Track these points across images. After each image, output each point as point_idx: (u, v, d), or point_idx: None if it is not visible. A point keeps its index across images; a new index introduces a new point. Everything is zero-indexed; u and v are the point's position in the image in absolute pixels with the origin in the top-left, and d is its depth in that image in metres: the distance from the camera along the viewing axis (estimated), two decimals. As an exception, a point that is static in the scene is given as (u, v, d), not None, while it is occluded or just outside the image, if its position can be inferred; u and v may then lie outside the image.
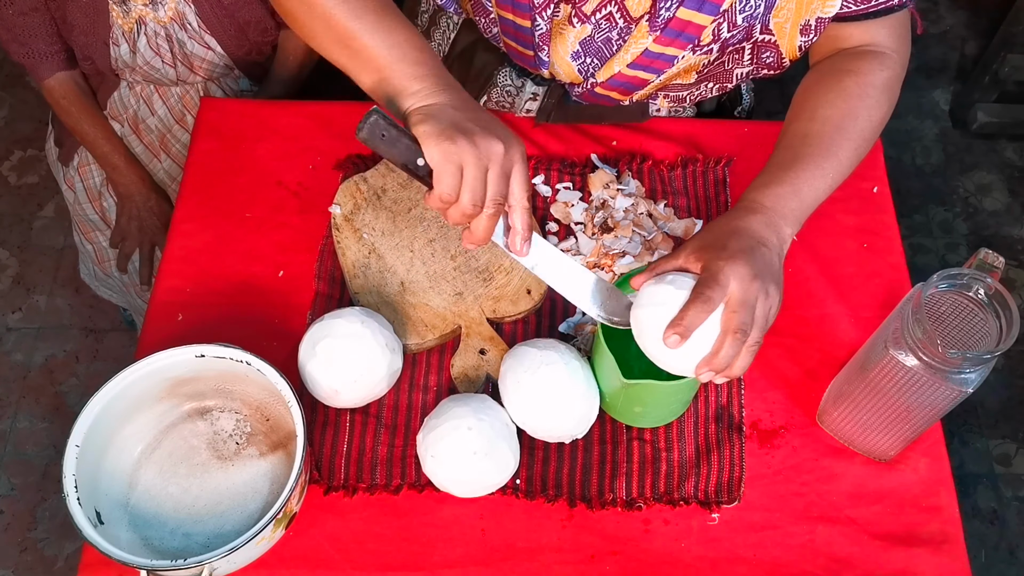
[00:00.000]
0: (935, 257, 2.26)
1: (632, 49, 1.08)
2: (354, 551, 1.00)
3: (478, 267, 1.14)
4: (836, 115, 1.00)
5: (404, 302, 1.11)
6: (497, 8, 1.10)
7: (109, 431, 0.99)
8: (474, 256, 1.14)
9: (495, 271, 1.13)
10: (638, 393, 0.99)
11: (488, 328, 1.10)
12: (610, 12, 1.06)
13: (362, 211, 1.17)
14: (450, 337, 1.11)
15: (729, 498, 1.03)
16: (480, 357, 1.08)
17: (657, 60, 1.09)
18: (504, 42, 1.16)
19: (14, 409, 2.00)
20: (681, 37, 1.05)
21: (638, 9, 1.04)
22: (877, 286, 1.17)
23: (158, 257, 1.58)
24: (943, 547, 1.01)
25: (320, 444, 1.05)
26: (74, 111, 1.48)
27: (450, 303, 1.11)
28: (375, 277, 1.13)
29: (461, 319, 1.10)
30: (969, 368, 0.88)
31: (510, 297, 1.12)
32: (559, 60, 1.14)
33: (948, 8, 2.72)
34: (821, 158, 0.97)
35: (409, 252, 1.14)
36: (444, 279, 1.13)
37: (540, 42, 1.10)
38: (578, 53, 1.12)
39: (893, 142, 2.41)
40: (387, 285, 1.12)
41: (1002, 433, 2.04)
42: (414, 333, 1.09)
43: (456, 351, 1.09)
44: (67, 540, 1.86)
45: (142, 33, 1.39)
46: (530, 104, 1.28)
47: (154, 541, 0.99)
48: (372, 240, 1.15)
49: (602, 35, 1.09)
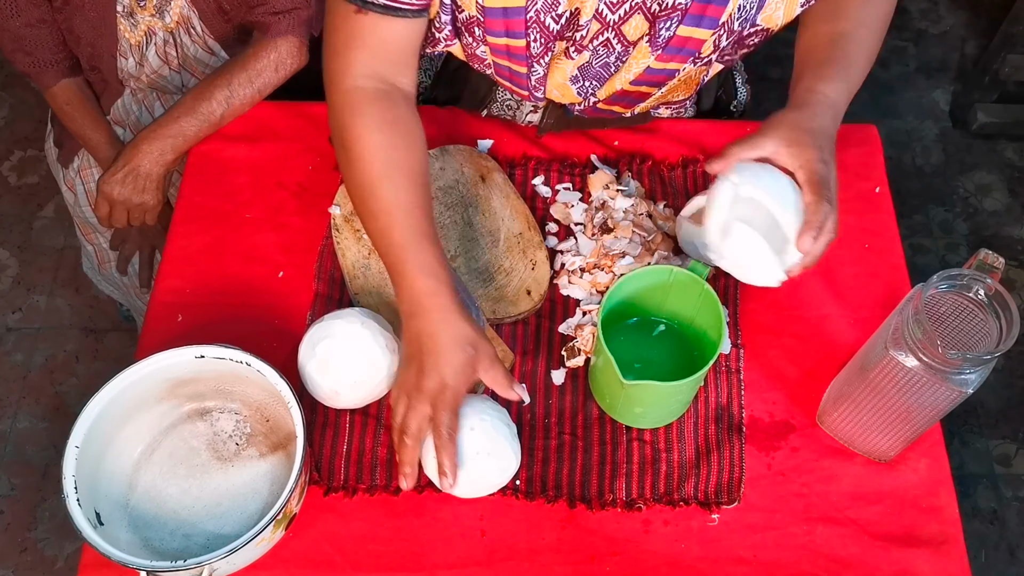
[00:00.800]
0: (935, 257, 2.26)
1: (634, 68, 1.08)
2: (354, 552, 1.00)
3: (477, 268, 1.14)
4: (869, 19, 1.04)
5: None
6: (493, 57, 1.10)
7: (109, 432, 0.99)
8: (474, 257, 1.14)
9: (495, 272, 1.13)
10: (638, 394, 0.99)
11: (488, 329, 1.10)
12: (607, 39, 1.06)
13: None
14: None
15: (729, 499, 1.03)
16: None
17: (659, 75, 1.09)
18: (498, 80, 1.18)
19: (14, 409, 2.00)
20: (682, 52, 1.05)
21: (635, 33, 1.05)
22: (877, 286, 1.17)
23: (158, 260, 1.58)
24: (943, 548, 1.01)
25: (320, 445, 1.05)
26: (78, 116, 1.48)
27: None
28: (375, 278, 1.13)
29: None
30: (969, 369, 0.88)
31: (510, 298, 1.12)
32: (558, 86, 1.15)
33: (948, 8, 2.72)
34: (859, 56, 1.03)
35: None
36: None
37: (537, 84, 1.12)
38: (576, 78, 1.13)
39: (893, 142, 2.40)
40: (387, 286, 1.11)
41: (1002, 433, 2.04)
42: None
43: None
44: (67, 540, 1.86)
45: (151, 44, 1.39)
46: (532, 116, 1.29)
47: (154, 542, 0.99)
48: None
49: (600, 60, 1.10)
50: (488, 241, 1.16)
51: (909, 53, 2.62)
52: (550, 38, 1.05)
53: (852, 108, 1.02)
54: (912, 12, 2.71)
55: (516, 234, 1.16)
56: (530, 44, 1.05)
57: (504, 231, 1.16)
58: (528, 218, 1.17)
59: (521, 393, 0.99)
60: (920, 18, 2.70)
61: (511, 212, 1.17)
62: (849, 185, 1.18)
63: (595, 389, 1.07)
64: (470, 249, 1.15)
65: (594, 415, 1.07)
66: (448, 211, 1.18)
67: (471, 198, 1.19)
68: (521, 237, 1.16)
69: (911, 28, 2.68)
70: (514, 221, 1.17)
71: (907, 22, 2.69)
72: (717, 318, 0.99)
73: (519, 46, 1.05)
